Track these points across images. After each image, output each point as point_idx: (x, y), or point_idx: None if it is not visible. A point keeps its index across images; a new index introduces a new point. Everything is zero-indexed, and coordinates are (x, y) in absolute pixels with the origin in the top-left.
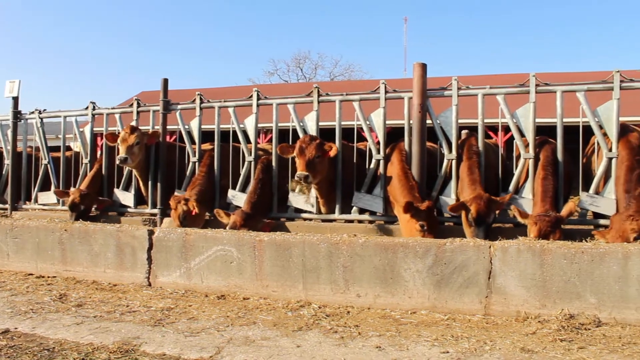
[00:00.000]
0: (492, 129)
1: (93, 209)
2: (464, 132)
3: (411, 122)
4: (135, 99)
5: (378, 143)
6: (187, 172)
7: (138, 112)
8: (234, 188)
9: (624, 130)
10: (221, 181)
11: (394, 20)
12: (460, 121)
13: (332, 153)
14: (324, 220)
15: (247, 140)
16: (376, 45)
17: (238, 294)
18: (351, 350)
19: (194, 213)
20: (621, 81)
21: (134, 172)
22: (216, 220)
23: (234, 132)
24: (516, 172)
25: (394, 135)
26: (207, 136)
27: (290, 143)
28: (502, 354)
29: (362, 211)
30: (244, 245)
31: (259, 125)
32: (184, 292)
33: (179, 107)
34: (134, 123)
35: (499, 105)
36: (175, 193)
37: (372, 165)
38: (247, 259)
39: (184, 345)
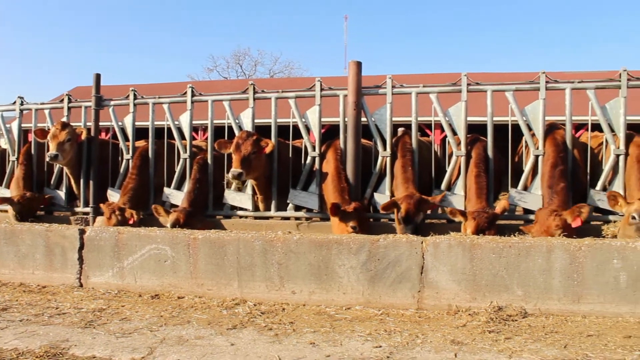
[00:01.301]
0: (430, 127)
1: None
2: (400, 129)
3: (346, 119)
4: (66, 95)
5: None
6: (121, 170)
7: (69, 108)
8: (168, 186)
9: (550, 128)
10: (155, 179)
11: (334, 18)
12: (394, 119)
13: (268, 149)
14: (260, 218)
15: (183, 137)
16: (317, 42)
17: (173, 293)
18: (285, 347)
19: (132, 222)
20: (547, 82)
21: (65, 169)
22: (149, 219)
23: (169, 129)
24: (448, 169)
25: (332, 133)
26: (141, 133)
27: (228, 140)
28: (433, 347)
29: (298, 208)
30: (178, 243)
31: (197, 122)
32: (117, 292)
33: (112, 103)
34: (64, 119)
35: (433, 103)
36: (109, 191)
37: (307, 163)
38: (182, 258)
39: (115, 346)
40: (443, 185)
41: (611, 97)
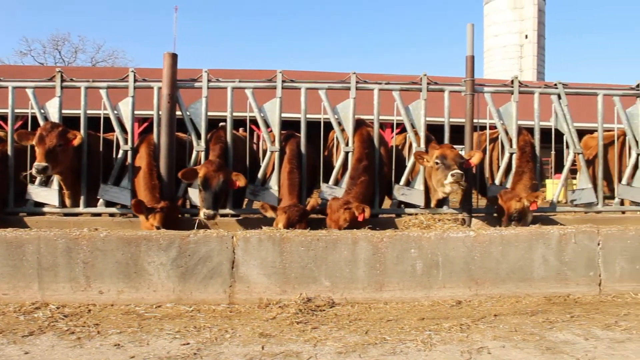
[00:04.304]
0: (253, 122)
1: None
2: (221, 124)
3: (160, 112)
4: None
5: (127, 133)
6: None
7: None
8: None
9: (359, 125)
10: None
11: (164, 9)
12: (211, 114)
13: (75, 142)
14: (69, 215)
15: None
16: (145, 33)
17: None
18: (87, 351)
19: None
20: (357, 82)
21: None
22: None
23: None
24: (263, 164)
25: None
26: None
27: (30, 131)
28: (242, 341)
29: (111, 204)
30: None
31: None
32: None
33: None
34: None
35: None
36: None
37: (119, 157)
38: None
39: None
40: (258, 180)
41: (415, 99)
